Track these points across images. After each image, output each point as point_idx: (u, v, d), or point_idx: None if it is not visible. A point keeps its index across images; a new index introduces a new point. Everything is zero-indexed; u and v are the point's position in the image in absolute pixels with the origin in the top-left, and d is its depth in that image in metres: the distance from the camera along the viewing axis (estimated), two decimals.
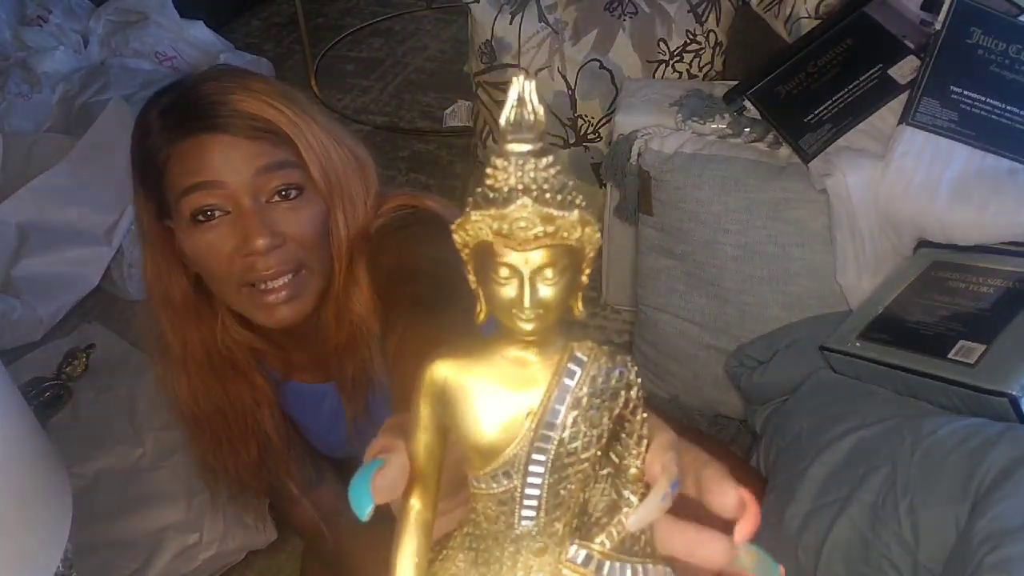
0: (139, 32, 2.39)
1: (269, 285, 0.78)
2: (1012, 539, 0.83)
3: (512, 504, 0.31)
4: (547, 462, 0.30)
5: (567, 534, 0.32)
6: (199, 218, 0.76)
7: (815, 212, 1.25)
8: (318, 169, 0.78)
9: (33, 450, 0.62)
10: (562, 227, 0.28)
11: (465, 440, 0.31)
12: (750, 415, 1.33)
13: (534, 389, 0.30)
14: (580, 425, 0.30)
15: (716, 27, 1.59)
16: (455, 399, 0.31)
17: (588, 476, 0.32)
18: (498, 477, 0.31)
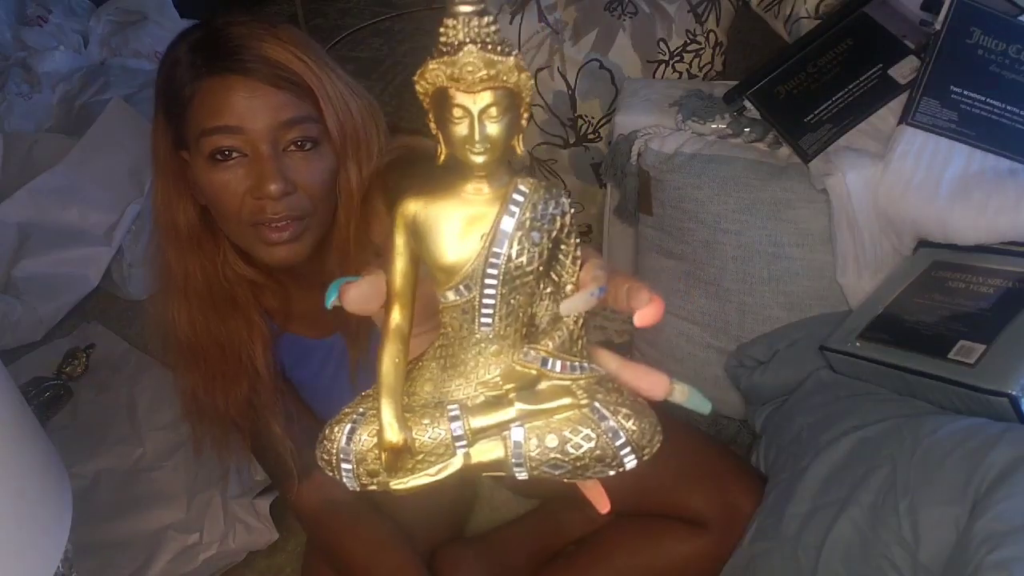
0: (139, 32, 2.39)
1: (273, 226, 0.82)
2: (1012, 539, 0.83)
3: (472, 312, 0.39)
4: (498, 275, 0.38)
5: (518, 340, 0.39)
6: (217, 157, 0.80)
7: (815, 212, 1.25)
8: (335, 123, 0.82)
9: (33, 450, 0.62)
10: (502, 71, 0.34)
11: (433, 261, 0.38)
12: (750, 415, 1.33)
13: (487, 215, 0.37)
14: (524, 243, 0.38)
15: (716, 27, 1.59)
16: (423, 228, 0.38)
17: (533, 290, 0.39)
18: (460, 290, 0.38)
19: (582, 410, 0.39)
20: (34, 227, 1.80)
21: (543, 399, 0.39)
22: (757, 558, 1.04)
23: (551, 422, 0.39)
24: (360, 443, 0.40)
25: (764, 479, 1.15)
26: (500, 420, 0.39)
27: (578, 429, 0.40)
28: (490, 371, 0.39)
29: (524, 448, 0.39)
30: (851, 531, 0.97)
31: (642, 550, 1.12)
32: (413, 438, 0.38)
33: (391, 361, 0.39)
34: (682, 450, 1.17)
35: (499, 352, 0.39)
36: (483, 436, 0.39)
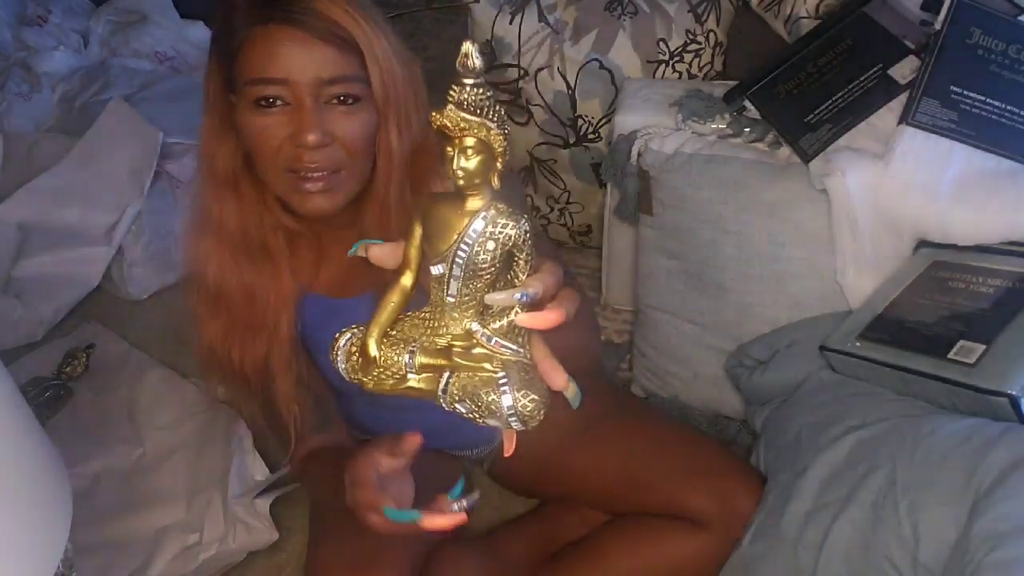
0: (139, 32, 2.39)
1: (308, 176, 0.85)
2: (1012, 539, 0.83)
3: (442, 283, 0.53)
4: (462, 263, 0.52)
5: (475, 315, 0.53)
6: (261, 103, 0.83)
7: (815, 212, 1.25)
8: (379, 84, 0.84)
9: (33, 450, 0.62)
10: (474, 126, 0.49)
11: (428, 242, 0.54)
12: (750, 415, 1.33)
13: (465, 221, 0.51)
14: (482, 247, 0.51)
15: (716, 27, 1.59)
16: (430, 216, 0.53)
17: (489, 283, 0.53)
18: (437, 265, 0.53)
19: (495, 376, 0.53)
20: (34, 227, 1.80)
21: (472, 360, 0.53)
22: (757, 558, 1.04)
23: (472, 377, 0.54)
24: (350, 347, 0.58)
25: (764, 479, 1.15)
26: (439, 363, 0.54)
27: (488, 390, 0.53)
28: (449, 330, 0.54)
29: (448, 386, 0.54)
30: (851, 531, 0.97)
31: (641, 549, 1.12)
32: (380, 355, 0.55)
33: (388, 303, 0.56)
34: (682, 449, 1.17)
35: (459, 319, 0.54)
36: (426, 371, 0.55)
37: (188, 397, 1.55)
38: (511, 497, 1.36)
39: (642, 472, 1.15)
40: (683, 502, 1.10)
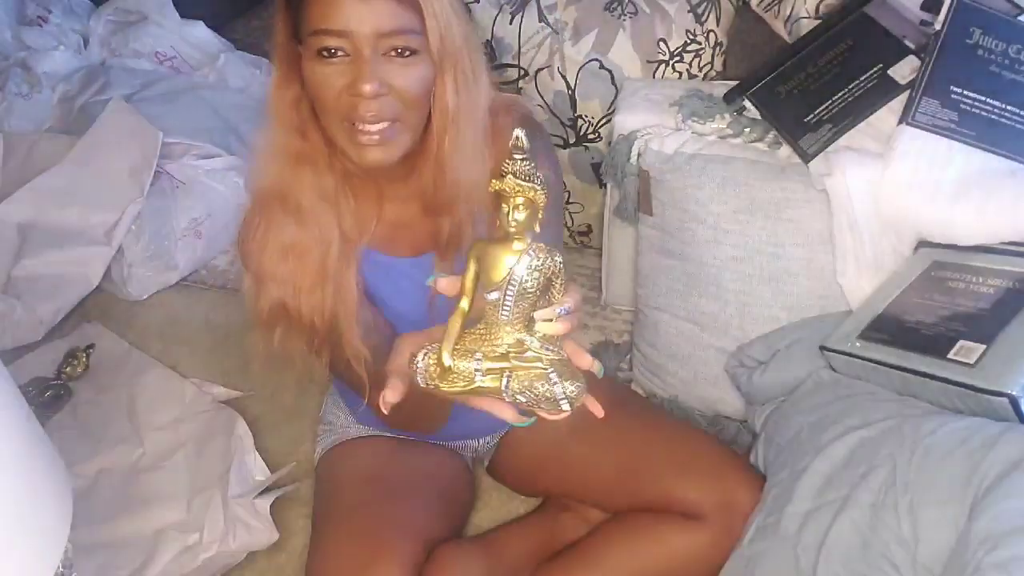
0: (139, 32, 2.39)
1: (365, 127, 0.89)
2: (1012, 539, 0.83)
3: (497, 306, 0.70)
4: (515, 290, 0.69)
5: (522, 327, 0.71)
6: (323, 53, 0.88)
7: (815, 212, 1.25)
8: (436, 38, 0.88)
9: (33, 450, 0.62)
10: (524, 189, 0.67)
11: (485, 275, 0.70)
12: (750, 415, 1.33)
13: (514, 259, 0.69)
14: (529, 278, 0.69)
15: (716, 27, 1.59)
16: (484, 258, 0.70)
17: (534, 302, 0.70)
18: (493, 292, 0.70)
19: (545, 372, 0.70)
20: (34, 227, 1.80)
21: (526, 361, 0.71)
22: (757, 558, 1.04)
23: (528, 374, 0.71)
24: (427, 360, 0.73)
25: (763, 477, 1.15)
26: (500, 366, 0.71)
27: (542, 382, 0.70)
28: (504, 341, 0.71)
29: (510, 384, 0.71)
30: (851, 531, 0.97)
31: (640, 544, 1.12)
32: (454, 364, 0.71)
33: (455, 324, 0.71)
34: (680, 444, 1.17)
35: (511, 332, 0.71)
36: (491, 373, 0.71)
37: (188, 397, 1.55)
38: (511, 497, 1.36)
39: (640, 467, 1.16)
40: (681, 496, 1.11)
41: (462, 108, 0.93)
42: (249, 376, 1.64)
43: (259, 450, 1.42)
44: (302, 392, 1.60)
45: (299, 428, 1.52)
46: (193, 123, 2.05)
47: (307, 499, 1.35)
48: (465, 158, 0.95)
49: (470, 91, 0.93)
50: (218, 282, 1.90)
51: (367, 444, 1.24)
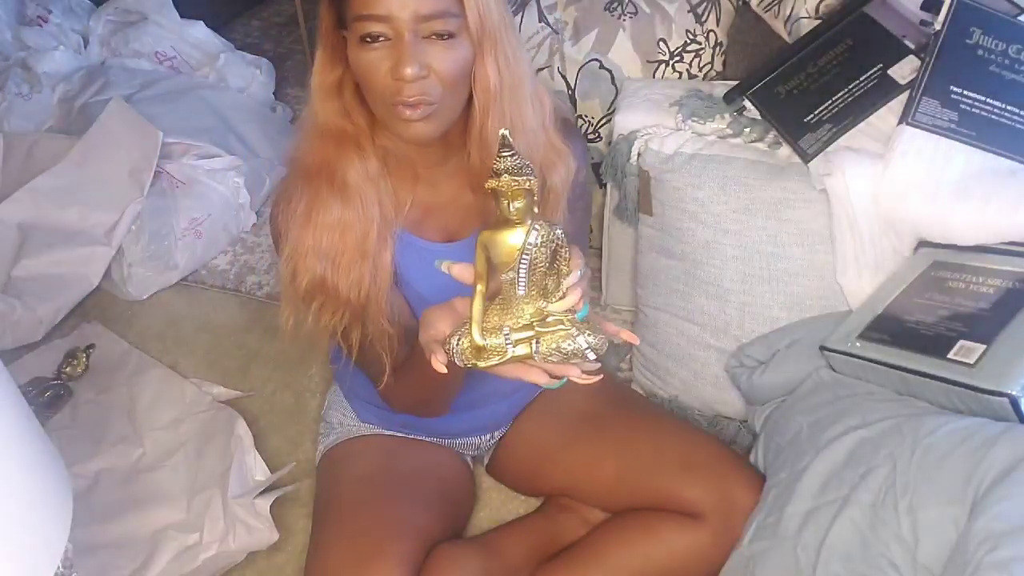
0: (139, 32, 2.39)
1: (407, 107, 0.92)
2: (1012, 539, 0.83)
3: (513, 284, 0.77)
4: (527, 266, 0.77)
5: (537, 297, 0.79)
6: (366, 39, 0.91)
7: (815, 212, 1.25)
8: (475, 19, 0.91)
9: (33, 450, 0.62)
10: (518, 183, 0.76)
11: (498, 259, 0.78)
12: (750, 415, 1.33)
13: (520, 240, 0.76)
14: (538, 251, 0.77)
15: (716, 27, 1.59)
16: (492, 244, 0.78)
17: (544, 277, 0.78)
18: (509, 272, 0.77)
19: (568, 331, 0.78)
20: (34, 227, 1.80)
21: (549, 327, 0.78)
22: (757, 557, 1.04)
23: (553, 337, 0.78)
24: (461, 344, 0.80)
25: (763, 477, 1.15)
26: (527, 336, 0.78)
27: (568, 341, 0.78)
28: (524, 312, 0.79)
29: (540, 348, 0.78)
30: (851, 530, 0.97)
31: (640, 543, 1.12)
32: (487, 342, 0.79)
33: (476, 307, 0.79)
34: (680, 443, 1.17)
35: (528, 303, 0.79)
36: (520, 343, 0.78)
37: (188, 397, 1.55)
38: (511, 497, 1.36)
39: (640, 466, 1.16)
40: (681, 495, 1.11)
41: (504, 86, 0.96)
42: (249, 376, 1.65)
43: (259, 450, 1.42)
44: (302, 392, 1.60)
45: (299, 428, 1.52)
46: (193, 123, 2.05)
47: (307, 499, 1.35)
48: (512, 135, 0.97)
49: (511, 69, 0.96)
50: (218, 282, 1.90)
51: (368, 443, 1.24)
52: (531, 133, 1.01)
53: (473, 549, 1.17)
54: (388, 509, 1.11)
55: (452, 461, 1.27)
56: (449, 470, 1.25)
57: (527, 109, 1.00)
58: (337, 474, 1.21)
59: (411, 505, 1.13)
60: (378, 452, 1.22)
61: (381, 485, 1.16)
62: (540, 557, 1.22)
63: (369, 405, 1.25)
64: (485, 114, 0.97)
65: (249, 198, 2.01)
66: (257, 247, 1.99)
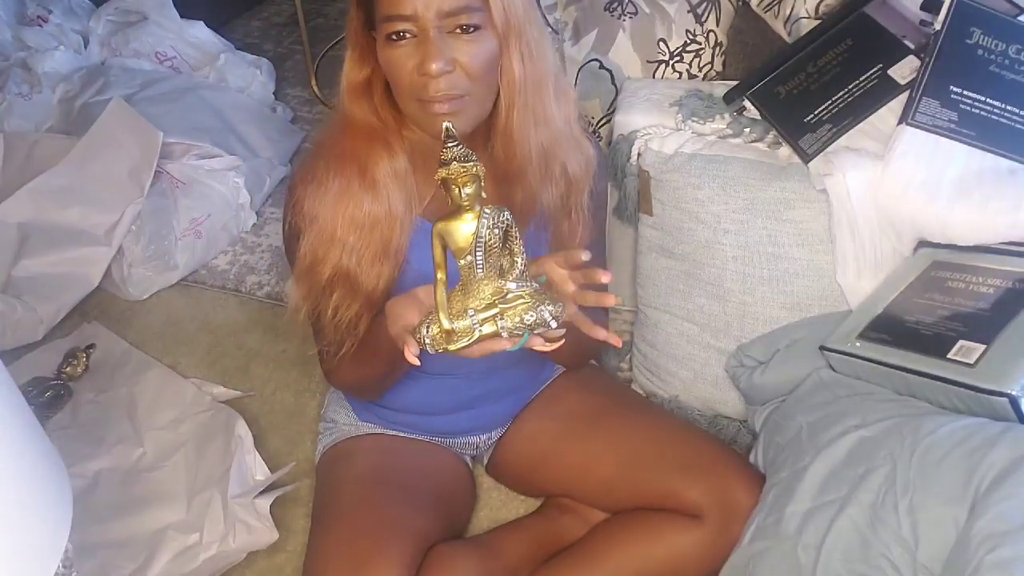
0: (139, 32, 2.39)
1: (436, 104, 0.94)
2: (1012, 539, 0.83)
3: (472, 267, 0.82)
4: (483, 249, 0.81)
5: (495, 276, 0.83)
6: (392, 37, 0.93)
7: (815, 212, 1.25)
8: (499, 12, 0.93)
9: (33, 450, 0.62)
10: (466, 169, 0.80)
11: (454, 246, 0.82)
12: (750, 415, 1.33)
13: (473, 226, 0.81)
14: (491, 233, 0.81)
15: (716, 27, 1.59)
16: (447, 233, 0.82)
17: (499, 257, 0.83)
18: (467, 256, 0.82)
19: (528, 303, 0.83)
20: (34, 227, 1.80)
21: (510, 302, 0.83)
22: (757, 557, 1.04)
23: (515, 311, 0.83)
24: (431, 331, 0.84)
25: (763, 477, 1.16)
26: (492, 314, 0.83)
27: (529, 313, 0.83)
28: (484, 292, 0.83)
29: (505, 323, 0.83)
30: (851, 530, 0.97)
31: (640, 542, 1.12)
32: (456, 326, 0.83)
33: (441, 294, 0.83)
34: (680, 443, 1.17)
35: (488, 283, 0.83)
36: (486, 322, 0.83)
37: (188, 397, 1.55)
38: (511, 497, 1.36)
39: (640, 466, 1.16)
40: (680, 495, 1.11)
41: (528, 79, 0.97)
42: (249, 376, 1.65)
43: (259, 450, 1.42)
44: (302, 392, 1.60)
45: (299, 428, 1.53)
46: (193, 123, 2.05)
47: (307, 499, 1.35)
48: (534, 128, 1.00)
49: (535, 62, 0.98)
50: (218, 282, 1.90)
51: (367, 443, 1.24)
52: (556, 127, 1.03)
53: (472, 549, 1.17)
54: (387, 510, 1.11)
55: (452, 462, 1.27)
56: (448, 471, 1.25)
57: (551, 103, 1.01)
58: (336, 473, 1.21)
59: (410, 506, 1.13)
60: (377, 452, 1.22)
61: (380, 485, 1.16)
62: (539, 558, 1.22)
63: (369, 404, 1.25)
64: (511, 107, 0.98)
65: (249, 198, 2.01)
66: (257, 247, 1.99)
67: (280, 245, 1.96)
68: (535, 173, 1.03)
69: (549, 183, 1.05)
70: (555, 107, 1.02)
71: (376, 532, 1.07)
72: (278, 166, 2.16)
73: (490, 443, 1.30)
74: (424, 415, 1.22)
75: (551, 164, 1.04)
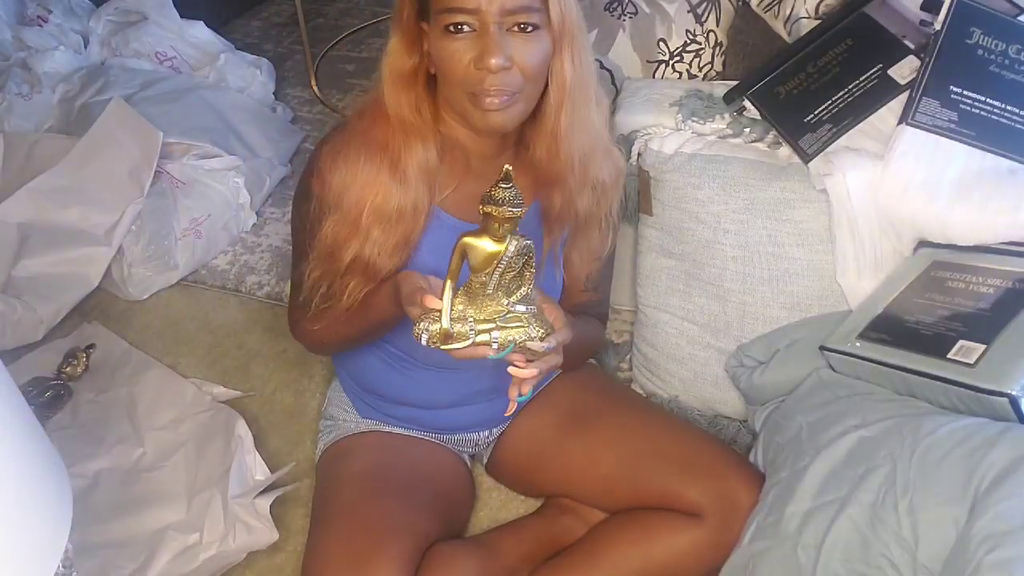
0: (139, 32, 2.39)
1: (487, 98, 0.95)
2: (1012, 539, 0.83)
3: (485, 283, 0.88)
4: (501, 268, 0.86)
5: (503, 296, 0.89)
6: (450, 29, 0.93)
7: (815, 212, 1.25)
8: (557, 14, 0.95)
9: (33, 450, 0.62)
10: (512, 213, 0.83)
11: (474, 260, 0.86)
12: (750, 415, 1.33)
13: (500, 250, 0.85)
14: (512, 259, 0.86)
15: (716, 27, 1.59)
16: (471, 249, 0.85)
17: (514, 278, 0.88)
18: (483, 275, 0.87)
19: (524, 327, 0.90)
20: (34, 227, 1.80)
21: (507, 321, 0.90)
22: (757, 557, 1.04)
23: (511, 328, 0.90)
24: (431, 328, 0.88)
25: (763, 476, 1.15)
26: (488, 327, 0.89)
27: (520, 332, 0.90)
28: (488, 306, 0.89)
29: (499, 336, 0.89)
30: (851, 530, 0.97)
31: (639, 542, 1.12)
32: (452, 328, 0.88)
33: (448, 299, 0.87)
34: (680, 443, 1.17)
35: (494, 301, 0.89)
36: (482, 333, 0.88)
37: (188, 397, 1.55)
38: (511, 497, 1.36)
39: (640, 465, 1.16)
40: (680, 494, 1.11)
41: (577, 83, 0.99)
42: (249, 376, 1.65)
43: (259, 450, 1.42)
44: (302, 392, 1.60)
45: (299, 428, 1.52)
46: (193, 123, 2.05)
47: (307, 499, 1.35)
48: (578, 133, 1.01)
49: (583, 67, 1.00)
50: (218, 282, 1.90)
51: (368, 441, 1.24)
52: (594, 132, 1.04)
53: (471, 549, 1.17)
54: (386, 508, 1.11)
55: (451, 461, 1.27)
56: (448, 470, 1.25)
57: (592, 108, 1.03)
58: (336, 471, 1.21)
59: (409, 505, 1.13)
60: (377, 450, 1.22)
61: (379, 484, 1.16)
62: (539, 558, 1.22)
63: (370, 399, 1.25)
64: (559, 109, 1.00)
65: (249, 198, 2.01)
66: (257, 247, 1.99)
67: (280, 245, 1.96)
68: (576, 179, 1.05)
69: (586, 190, 1.07)
70: (595, 114, 1.04)
71: (375, 530, 1.07)
72: (278, 166, 2.16)
73: (489, 441, 1.31)
74: (424, 409, 1.22)
75: (588, 171, 1.06)
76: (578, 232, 1.14)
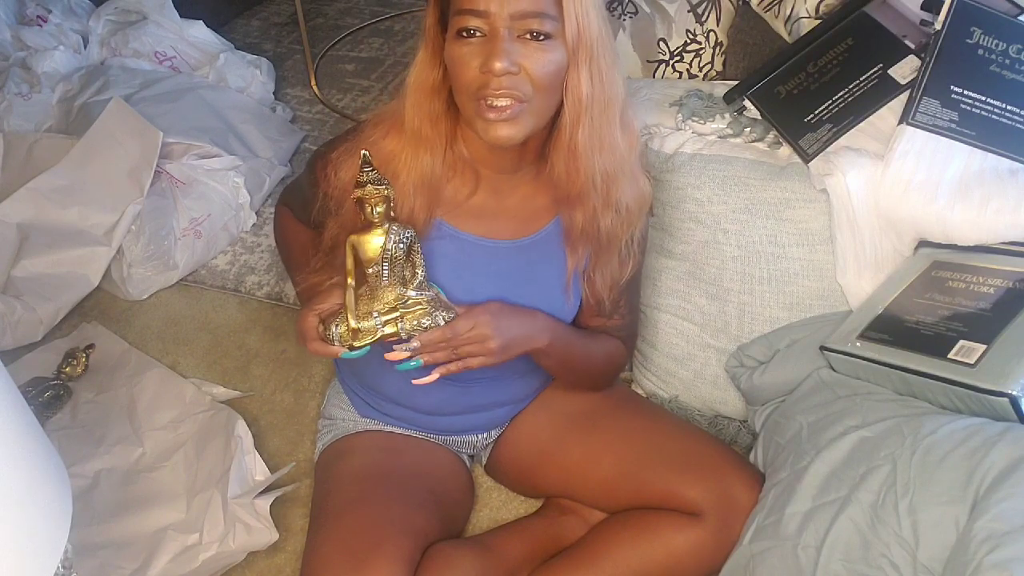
0: (139, 32, 2.39)
1: (494, 103, 0.93)
2: (1012, 539, 0.83)
3: (378, 276, 0.94)
4: (389, 260, 0.94)
5: (398, 284, 0.95)
6: (462, 33, 0.93)
7: (815, 212, 1.25)
8: (572, 25, 0.93)
9: (33, 450, 0.62)
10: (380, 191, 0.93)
11: (364, 255, 0.94)
12: (750, 415, 1.33)
13: (382, 240, 0.93)
14: (397, 247, 0.93)
15: (716, 27, 1.59)
16: (359, 244, 0.94)
17: (403, 268, 0.95)
18: (375, 266, 0.94)
19: (425, 309, 0.95)
20: (34, 227, 1.80)
21: (409, 307, 0.95)
22: (757, 557, 1.04)
23: (414, 315, 0.95)
24: (339, 329, 0.95)
25: (763, 476, 1.15)
26: (393, 316, 0.95)
27: (424, 317, 0.95)
28: (388, 297, 0.95)
29: (404, 324, 0.94)
30: (851, 530, 0.97)
31: (639, 542, 1.12)
32: (361, 326, 0.94)
33: (349, 298, 0.95)
34: (680, 443, 1.17)
35: (391, 290, 0.95)
36: (388, 323, 0.94)
37: (188, 397, 1.55)
38: (511, 497, 1.36)
39: (640, 465, 1.16)
40: (680, 494, 1.11)
41: (596, 100, 0.97)
42: (249, 376, 1.65)
43: (259, 450, 1.42)
44: (302, 392, 1.60)
45: (299, 428, 1.52)
46: (193, 123, 2.05)
47: (307, 499, 1.35)
48: (599, 151, 0.99)
49: (604, 84, 0.97)
50: (218, 282, 1.90)
51: (366, 440, 1.24)
52: (618, 154, 1.02)
53: (470, 549, 1.16)
54: (385, 508, 1.11)
55: (450, 461, 1.27)
56: (447, 470, 1.25)
57: (616, 130, 1.01)
58: (335, 471, 1.21)
59: (408, 504, 1.13)
60: (376, 450, 1.22)
61: (378, 483, 1.16)
62: (539, 558, 1.21)
63: (369, 398, 1.25)
64: (575, 124, 0.98)
65: (249, 198, 2.01)
66: (257, 247, 1.99)
67: None
68: (599, 197, 1.03)
69: (609, 211, 1.05)
70: (620, 136, 1.01)
71: (374, 529, 1.07)
72: (278, 166, 2.16)
73: (487, 442, 1.30)
74: (424, 414, 1.23)
75: (611, 192, 1.04)
76: (600, 254, 1.12)
